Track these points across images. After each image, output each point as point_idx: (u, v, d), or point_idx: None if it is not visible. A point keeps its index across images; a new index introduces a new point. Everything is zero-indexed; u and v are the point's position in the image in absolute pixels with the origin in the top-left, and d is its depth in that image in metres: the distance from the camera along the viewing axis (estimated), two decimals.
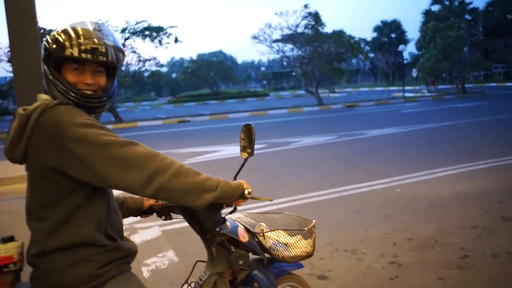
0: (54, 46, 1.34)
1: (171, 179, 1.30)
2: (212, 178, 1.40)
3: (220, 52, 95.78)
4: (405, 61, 56.43)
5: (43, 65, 1.39)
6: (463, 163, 6.90)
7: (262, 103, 31.87)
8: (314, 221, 1.88)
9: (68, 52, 1.32)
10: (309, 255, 1.84)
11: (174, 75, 64.41)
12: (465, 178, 6.04)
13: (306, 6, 23.99)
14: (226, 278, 1.70)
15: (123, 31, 21.10)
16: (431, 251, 3.65)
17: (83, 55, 1.33)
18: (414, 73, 32.41)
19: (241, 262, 1.67)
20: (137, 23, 21.31)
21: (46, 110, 1.31)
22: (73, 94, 1.35)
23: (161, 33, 22.05)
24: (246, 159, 1.75)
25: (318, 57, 24.32)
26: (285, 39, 25.16)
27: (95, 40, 1.34)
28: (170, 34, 22.35)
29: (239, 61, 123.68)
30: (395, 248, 3.74)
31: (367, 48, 59.58)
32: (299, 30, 24.51)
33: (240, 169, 1.74)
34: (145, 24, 21.50)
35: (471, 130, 11.04)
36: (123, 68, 21.85)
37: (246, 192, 1.49)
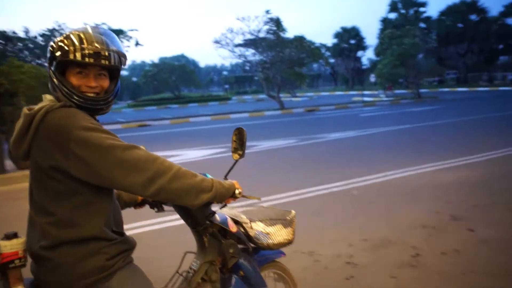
0: (59, 51, 1.39)
1: (171, 181, 1.40)
2: (207, 179, 1.53)
3: (182, 56, 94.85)
4: (364, 67, 58.10)
5: (48, 68, 1.46)
6: (415, 165, 7.18)
7: (224, 107, 31.83)
8: (293, 211, 2.06)
9: (71, 56, 1.38)
10: (290, 242, 2.00)
11: (134, 79, 63.24)
12: (417, 180, 6.29)
13: (267, 11, 24.24)
14: (216, 266, 1.83)
15: None
16: (385, 251, 3.78)
17: (86, 59, 1.39)
18: (373, 78, 33.44)
19: (231, 251, 1.81)
20: (95, 25, 20.76)
21: (50, 112, 1.37)
22: (76, 97, 1.41)
23: (121, 36, 21.63)
24: (237, 160, 1.90)
25: (280, 62, 24.59)
26: (247, 43, 25.29)
27: (98, 45, 1.41)
28: (131, 37, 21.99)
29: (202, 65, 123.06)
30: (351, 249, 3.84)
31: (328, 53, 60.87)
32: (261, 35, 24.72)
33: (231, 169, 1.87)
34: (104, 27, 21.01)
35: (425, 133, 11.49)
36: None
37: (237, 192, 1.64)
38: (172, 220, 4.60)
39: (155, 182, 1.37)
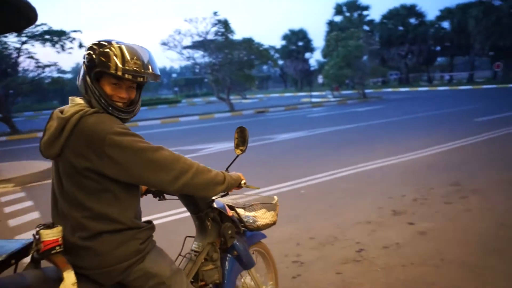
0: (101, 60, 1.53)
1: (193, 177, 1.62)
2: (220, 173, 1.77)
3: None
4: (312, 68, 59.33)
5: (84, 72, 1.58)
6: (361, 163, 7.44)
7: (174, 110, 31.38)
8: (276, 197, 2.37)
9: (112, 71, 1.53)
10: (274, 223, 2.29)
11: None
12: (361, 177, 6.51)
13: (215, 13, 24.17)
14: (216, 246, 2.10)
15: (18, 34, 19.44)
16: (331, 248, 3.87)
17: (126, 75, 1.54)
18: (320, 79, 34.26)
19: (230, 232, 2.09)
20: (35, 26, 19.77)
21: (84, 117, 1.51)
22: (107, 105, 1.58)
23: (63, 37, 20.70)
24: (238, 155, 2.22)
25: (229, 64, 24.58)
26: (195, 45, 25.07)
27: (138, 64, 1.56)
28: (74, 39, 21.08)
29: None
30: (298, 248, 3.91)
31: (277, 55, 61.72)
32: (209, 37, 24.61)
33: (232, 162, 2.19)
34: (45, 28, 20.01)
35: (369, 132, 11.92)
36: (20, 74, 20.10)
37: (242, 182, 1.92)
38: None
39: (180, 179, 1.59)
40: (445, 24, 50.75)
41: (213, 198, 2.12)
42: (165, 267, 1.71)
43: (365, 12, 53.81)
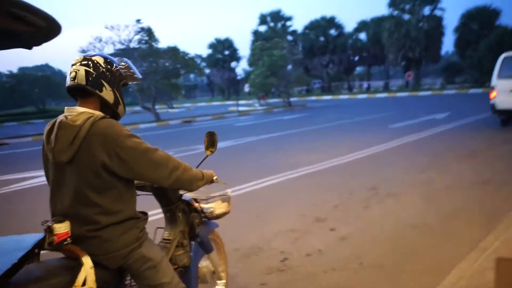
0: (129, 73, 1.95)
1: (182, 173, 1.97)
2: (198, 171, 2.14)
3: (47, 65, 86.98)
4: (238, 77, 59.93)
5: (118, 86, 1.89)
6: (286, 171, 7.59)
7: None
8: (229, 190, 2.81)
9: (136, 80, 2.02)
10: (228, 212, 2.74)
11: None
12: (286, 185, 6.65)
13: (138, 21, 23.55)
14: (185, 234, 2.44)
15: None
16: (256, 258, 3.88)
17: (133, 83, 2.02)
18: (247, 88, 34.67)
19: (197, 221, 2.49)
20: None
21: (96, 122, 1.76)
22: (123, 109, 1.95)
23: None
24: (208, 155, 2.61)
25: (154, 72, 24.01)
26: (118, 54, 24.19)
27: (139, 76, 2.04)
28: None
29: None
30: None
31: (204, 64, 61.52)
32: (133, 45, 23.89)
33: (202, 161, 2.55)
34: None
35: (293, 140, 12.24)
36: None
37: (214, 178, 2.31)
38: None
39: (173, 175, 1.92)
40: (362, 36, 53.95)
41: (181, 192, 2.47)
42: (156, 252, 2.02)
43: (288, 23, 55.55)
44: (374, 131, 12.74)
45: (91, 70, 1.80)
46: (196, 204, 2.57)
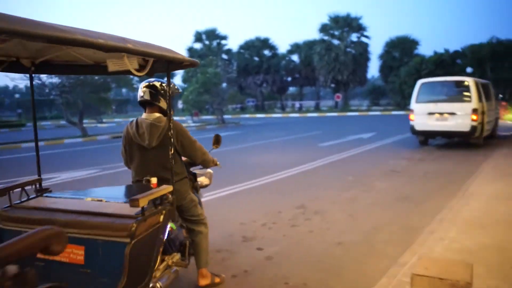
0: (177, 92, 3.31)
1: (206, 156, 3.33)
2: (210, 156, 3.43)
3: None
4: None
5: (171, 99, 2.91)
6: (212, 190, 7.46)
7: (16, 135, 27.85)
8: (211, 170, 3.98)
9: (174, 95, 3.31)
10: (210, 184, 4.00)
11: None
12: (215, 204, 6.52)
13: None
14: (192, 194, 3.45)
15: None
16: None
17: None
18: (180, 104, 34.22)
19: (199, 186, 3.76)
20: None
21: (174, 122, 2.93)
22: (172, 112, 2.96)
23: None
24: (213, 149, 3.89)
25: (81, 85, 22.91)
26: None
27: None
28: None
29: None
30: None
31: (136, 78, 59.89)
32: None
33: (211, 150, 3.84)
34: None
35: (225, 157, 12.16)
36: None
37: (217, 162, 3.55)
38: None
39: (203, 157, 3.31)
40: (295, 57, 55.78)
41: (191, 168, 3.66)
42: (195, 196, 3.40)
43: (223, 42, 55.98)
44: (304, 149, 13.04)
45: (152, 91, 3.10)
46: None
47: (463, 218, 5.02)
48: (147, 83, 3.09)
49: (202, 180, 3.83)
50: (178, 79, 66.58)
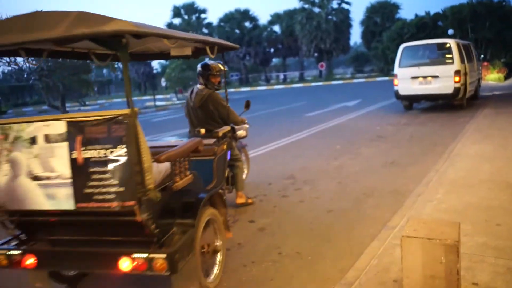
0: (215, 72, 4.59)
1: (237, 118, 4.75)
2: (240, 117, 4.84)
3: None
4: (155, 71, 58.20)
5: (205, 74, 4.58)
6: None
7: None
8: (246, 122, 4.98)
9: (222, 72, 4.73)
10: (246, 136, 5.21)
11: None
12: None
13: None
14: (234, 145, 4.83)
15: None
16: None
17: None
18: (163, 82, 33.77)
19: (238, 138, 5.03)
20: None
21: (212, 92, 4.56)
22: (215, 87, 4.66)
23: None
24: (245, 111, 5.11)
25: (61, 68, 22.37)
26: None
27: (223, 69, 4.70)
28: None
29: None
30: None
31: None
32: None
33: (242, 113, 5.04)
34: None
35: None
36: None
37: (246, 121, 4.95)
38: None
39: (234, 119, 4.69)
40: (276, 28, 55.06)
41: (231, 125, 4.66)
42: (233, 142, 4.68)
43: (203, 15, 54.90)
44: (291, 120, 13.05)
45: (199, 70, 4.60)
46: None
47: (449, 179, 5.12)
48: (199, 65, 4.66)
49: (240, 132, 4.91)
50: None
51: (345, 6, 47.34)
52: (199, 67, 4.57)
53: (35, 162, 2.43)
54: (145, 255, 2.40)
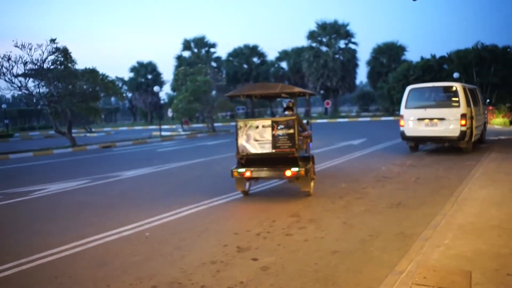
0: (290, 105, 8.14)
1: (308, 132, 8.29)
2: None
3: None
4: (162, 101, 58.91)
5: (293, 107, 8.06)
6: (205, 199, 7.39)
7: (3, 146, 27.45)
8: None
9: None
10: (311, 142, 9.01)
11: None
12: (207, 214, 6.45)
13: (53, 40, 22.22)
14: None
15: None
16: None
17: None
18: (170, 113, 34.07)
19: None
20: None
21: (297, 116, 7.39)
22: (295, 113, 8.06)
23: None
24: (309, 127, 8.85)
25: (70, 95, 22.68)
26: (29, 74, 22.51)
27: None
28: None
29: None
30: None
31: (125, 87, 59.66)
32: (46, 65, 22.39)
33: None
34: None
35: (216, 166, 12.11)
36: None
37: (311, 134, 8.73)
38: None
39: (308, 133, 8.29)
40: (283, 65, 56.00)
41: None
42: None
43: (212, 49, 56.07)
44: None
45: (288, 104, 7.96)
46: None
47: (458, 224, 5.02)
48: (287, 101, 7.93)
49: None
50: (167, 87, 66.40)
51: (352, 46, 48.34)
52: (287, 103, 7.93)
53: (257, 134, 6.87)
54: (296, 169, 6.69)
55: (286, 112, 7.86)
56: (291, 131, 6.67)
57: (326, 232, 5.25)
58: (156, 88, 32.40)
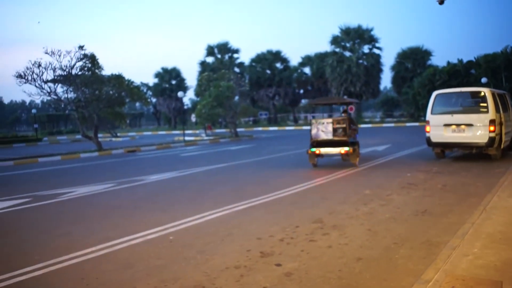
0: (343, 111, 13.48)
1: (357, 127, 13.02)
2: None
3: None
4: (186, 107, 59.60)
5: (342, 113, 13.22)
6: (228, 204, 7.43)
7: (32, 149, 28.29)
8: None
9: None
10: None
11: None
12: (231, 219, 6.48)
13: (81, 47, 22.81)
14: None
15: None
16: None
17: None
18: (193, 118, 34.44)
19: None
20: None
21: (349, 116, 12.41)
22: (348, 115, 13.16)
23: None
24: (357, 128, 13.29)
25: (97, 100, 23.21)
26: (58, 80, 23.16)
27: None
28: None
29: (6, 101, 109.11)
30: None
31: (150, 93, 60.71)
32: (74, 71, 23.00)
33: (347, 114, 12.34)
34: None
35: (239, 171, 12.17)
36: None
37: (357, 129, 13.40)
38: None
39: (357, 128, 12.95)
40: (307, 70, 55.89)
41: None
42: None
43: (235, 55, 56.53)
44: (318, 162, 12.93)
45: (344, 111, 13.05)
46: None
47: (486, 233, 4.89)
48: (344, 107, 13.55)
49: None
50: (191, 92, 67.11)
51: (376, 51, 47.87)
52: (341, 109, 11.76)
53: (323, 127, 11.45)
54: (347, 148, 11.05)
55: (342, 114, 12.25)
56: (344, 125, 11.14)
57: (350, 239, 5.19)
58: (180, 94, 32.73)
